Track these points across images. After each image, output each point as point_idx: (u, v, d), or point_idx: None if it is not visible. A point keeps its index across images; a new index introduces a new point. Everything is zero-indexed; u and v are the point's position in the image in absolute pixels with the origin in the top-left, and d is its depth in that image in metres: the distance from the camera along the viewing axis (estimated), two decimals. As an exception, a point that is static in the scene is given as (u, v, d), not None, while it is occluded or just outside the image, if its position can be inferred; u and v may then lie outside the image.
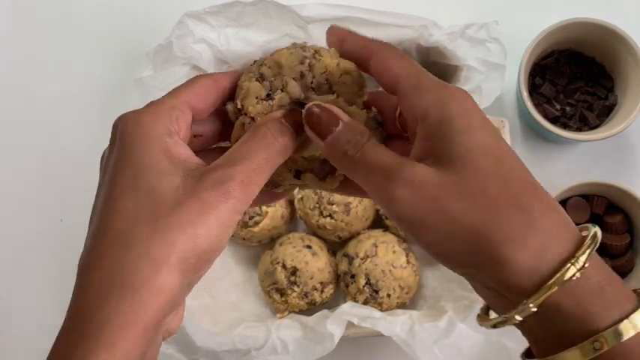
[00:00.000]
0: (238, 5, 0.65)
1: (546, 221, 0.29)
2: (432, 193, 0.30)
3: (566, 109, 0.69)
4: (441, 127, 0.30)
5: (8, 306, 0.72)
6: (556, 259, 0.29)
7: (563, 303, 0.29)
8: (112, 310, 0.28)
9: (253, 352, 0.62)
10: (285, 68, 0.36)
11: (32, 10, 0.77)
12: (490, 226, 0.29)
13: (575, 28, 0.66)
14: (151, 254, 0.29)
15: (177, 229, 0.29)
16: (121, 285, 0.29)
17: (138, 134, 0.32)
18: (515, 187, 0.29)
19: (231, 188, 0.30)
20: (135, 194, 0.30)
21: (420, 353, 0.61)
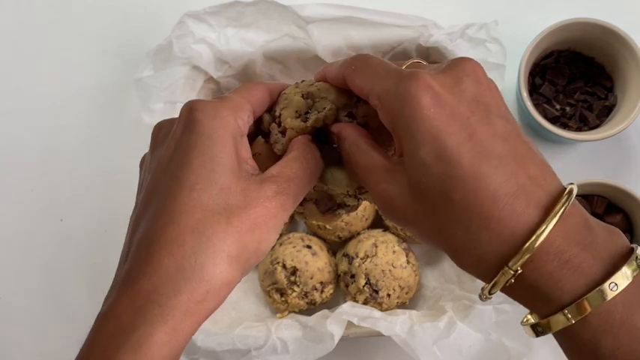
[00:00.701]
0: (238, 5, 0.65)
1: (485, 235, 0.30)
2: (393, 208, 0.33)
3: (566, 109, 0.69)
4: (400, 142, 0.32)
5: (8, 306, 0.72)
6: (493, 267, 0.30)
7: (530, 279, 0.30)
8: (185, 297, 0.29)
9: (253, 352, 0.62)
10: (333, 96, 0.37)
11: (32, 10, 0.77)
12: (439, 242, 0.32)
13: (574, 28, 0.66)
14: (228, 251, 0.31)
15: (249, 231, 0.31)
16: (199, 276, 0.30)
17: (216, 127, 0.33)
18: (456, 203, 0.30)
19: (286, 202, 0.33)
20: (211, 188, 0.31)
21: (419, 353, 0.61)
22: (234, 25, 0.66)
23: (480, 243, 0.30)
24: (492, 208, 0.29)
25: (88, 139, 0.74)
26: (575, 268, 0.29)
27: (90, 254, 0.72)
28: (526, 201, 0.29)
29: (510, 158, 0.30)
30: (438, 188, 0.30)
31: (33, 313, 0.72)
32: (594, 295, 0.28)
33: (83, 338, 0.31)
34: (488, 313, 0.61)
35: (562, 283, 0.29)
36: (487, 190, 0.29)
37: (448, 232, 0.31)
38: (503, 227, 0.29)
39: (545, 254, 0.29)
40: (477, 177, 0.29)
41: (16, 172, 0.74)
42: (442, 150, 0.30)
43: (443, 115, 0.30)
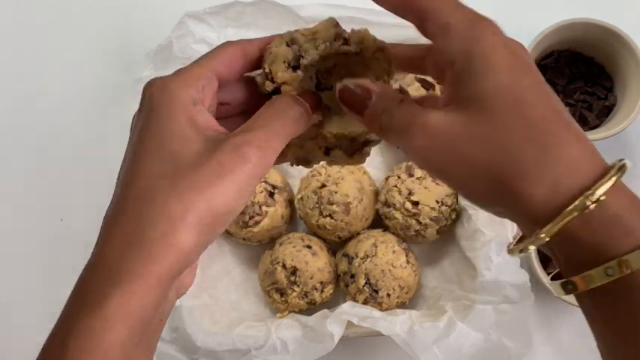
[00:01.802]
0: (238, 5, 0.65)
1: (563, 155, 0.30)
2: (444, 138, 0.31)
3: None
4: (463, 72, 0.31)
5: (8, 306, 0.73)
6: (571, 191, 0.29)
7: (578, 234, 0.29)
8: (131, 260, 0.30)
9: (253, 351, 0.62)
10: (319, 32, 0.36)
11: (32, 10, 0.77)
12: (504, 164, 0.30)
13: (574, 28, 0.66)
14: (169, 212, 0.30)
15: (196, 190, 0.31)
16: (141, 239, 0.30)
17: (164, 101, 0.33)
18: (533, 123, 0.30)
19: (248, 152, 0.32)
20: (159, 156, 0.32)
21: (419, 353, 0.61)
22: (234, 25, 0.66)
23: (558, 163, 0.29)
24: (569, 135, 0.30)
25: (88, 139, 0.74)
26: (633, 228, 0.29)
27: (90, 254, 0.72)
28: (589, 142, 0.31)
29: (570, 115, 0.32)
30: (513, 108, 0.30)
31: (33, 313, 0.72)
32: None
33: None
34: (488, 313, 0.61)
35: (637, 224, 0.29)
36: (562, 121, 0.30)
37: (520, 149, 0.30)
38: (582, 153, 0.30)
39: (620, 190, 0.30)
40: (553, 108, 0.30)
41: (16, 172, 0.74)
42: (520, 79, 0.31)
43: (515, 58, 0.31)
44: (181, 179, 0.31)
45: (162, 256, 0.30)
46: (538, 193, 0.30)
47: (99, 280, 0.30)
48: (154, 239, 0.30)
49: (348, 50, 0.36)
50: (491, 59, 0.31)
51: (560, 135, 0.30)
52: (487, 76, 0.31)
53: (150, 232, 0.30)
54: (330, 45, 0.36)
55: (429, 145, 0.32)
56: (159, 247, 0.30)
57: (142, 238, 0.30)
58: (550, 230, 0.30)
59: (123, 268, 0.30)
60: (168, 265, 0.30)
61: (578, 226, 0.29)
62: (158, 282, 0.30)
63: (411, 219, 0.67)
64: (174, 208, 0.30)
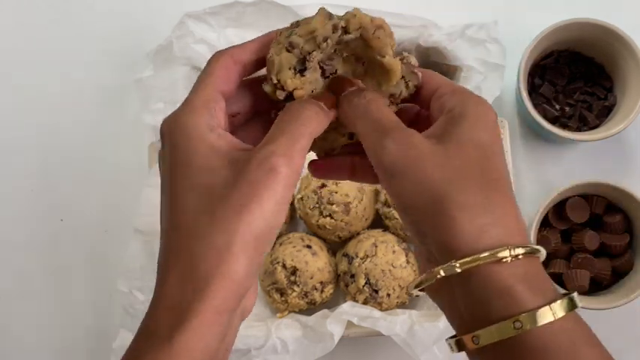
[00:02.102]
0: (238, 5, 0.65)
1: (503, 212, 0.32)
2: (418, 154, 0.33)
3: (566, 110, 0.69)
4: (455, 119, 0.34)
5: (8, 306, 0.72)
6: (497, 240, 0.31)
7: (491, 277, 0.31)
8: (188, 299, 0.30)
9: (253, 351, 0.62)
10: (317, 30, 0.36)
11: (32, 10, 0.77)
12: (453, 192, 0.32)
13: (574, 28, 0.66)
14: (215, 245, 0.31)
15: (233, 216, 0.31)
16: (195, 276, 0.31)
17: (182, 138, 0.34)
18: (488, 179, 0.33)
19: (276, 164, 0.32)
20: (193, 193, 0.32)
21: (419, 353, 0.61)
22: (234, 26, 0.66)
23: (493, 215, 0.32)
24: (512, 203, 0.33)
25: (88, 139, 0.74)
26: (538, 287, 0.32)
27: (90, 254, 0.72)
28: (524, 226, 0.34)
29: None
30: (481, 158, 0.33)
31: (33, 313, 0.72)
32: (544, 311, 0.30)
33: (82, 337, 0.32)
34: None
35: (546, 285, 0.32)
36: (511, 193, 0.34)
37: (471, 189, 0.32)
38: (516, 219, 0.33)
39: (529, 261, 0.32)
40: (508, 180, 0.35)
41: (16, 172, 0.74)
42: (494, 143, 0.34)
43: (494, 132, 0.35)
44: (219, 209, 0.31)
45: (217, 290, 0.30)
46: (466, 230, 0.31)
47: (162, 319, 0.31)
48: (207, 273, 0.30)
49: (349, 39, 0.37)
50: (483, 121, 0.35)
51: (504, 199, 0.33)
52: (475, 128, 0.34)
53: (202, 267, 0.31)
54: (332, 40, 0.36)
55: (398, 150, 0.33)
56: (213, 280, 0.30)
57: (196, 275, 0.31)
58: (466, 263, 0.31)
59: (183, 306, 0.30)
60: (224, 297, 0.31)
61: (492, 270, 0.31)
62: (217, 315, 0.31)
63: (411, 219, 0.67)
64: (219, 240, 0.31)
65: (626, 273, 0.67)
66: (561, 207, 0.67)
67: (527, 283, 0.31)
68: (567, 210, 0.67)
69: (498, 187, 0.33)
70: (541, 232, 0.66)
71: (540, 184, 0.71)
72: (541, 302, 0.31)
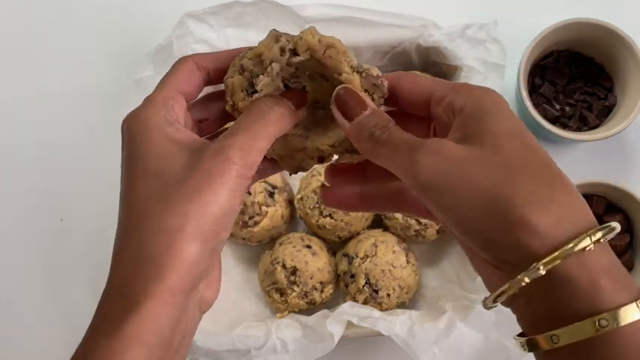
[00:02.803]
0: (238, 5, 0.65)
1: (566, 197, 0.31)
2: (456, 161, 0.31)
3: (566, 109, 0.69)
4: (474, 115, 0.33)
5: (8, 306, 0.72)
6: (573, 229, 0.30)
7: (574, 274, 0.29)
8: (140, 280, 0.31)
9: (253, 351, 0.62)
10: (264, 54, 0.37)
11: (32, 10, 0.77)
12: (511, 191, 0.30)
13: (574, 28, 0.66)
14: (166, 226, 0.31)
15: (187, 200, 0.31)
16: (146, 258, 0.31)
17: (139, 130, 0.34)
18: (539, 166, 0.31)
19: (230, 154, 0.32)
20: (147, 179, 0.33)
21: (419, 353, 0.61)
22: (234, 25, 0.66)
23: (562, 203, 0.30)
24: (572, 186, 0.32)
25: (88, 139, 0.74)
26: (622, 282, 0.30)
27: (90, 254, 0.72)
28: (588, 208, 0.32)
29: None
30: (524, 149, 0.32)
31: (33, 313, 0.72)
32: (630, 308, 0.29)
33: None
34: (488, 313, 0.61)
35: (627, 278, 0.30)
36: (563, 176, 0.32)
37: (529, 183, 0.31)
38: (582, 203, 0.31)
39: (608, 250, 0.30)
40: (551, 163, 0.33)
41: (16, 172, 0.74)
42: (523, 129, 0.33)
43: (515, 116, 0.34)
44: (172, 193, 0.32)
45: (170, 270, 0.31)
46: (542, 222, 0.30)
47: (114, 304, 0.31)
48: (159, 256, 0.31)
49: (299, 61, 0.37)
50: (503, 109, 0.33)
51: (565, 183, 0.32)
52: (500, 118, 0.32)
53: (153, 250, 0.31)
54: (279, 62, 0.37)
55: (435, 163, 0.32)
56: (164, 262, 0.31)
57: (147, 257, 0.31)
58: (550, 262, 0.29)
59: (134, 289, 0.31)
60: (177, 278, 0.31)
61: (575, 265, 0.29)
62: (170, 297, 0.31)
63: (411, 219, 0.67)
64: (171, 222, 0.31)
65: (626, 273, 0.67)
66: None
67: (611, 277, 0.29)
68: (567, 210, 0.67)
69: (554, 173, 0.32)
70: (541, 232, 0.66)
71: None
72: (626, 299, 0.29)
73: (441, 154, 0.32)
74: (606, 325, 0.28)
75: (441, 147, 0.32)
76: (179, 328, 0.32)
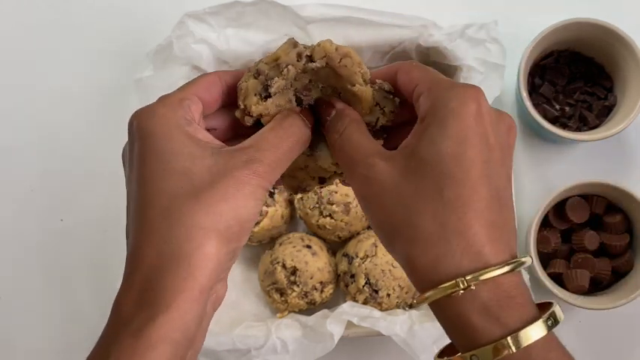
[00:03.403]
0: (238, 5, 0.65)
1: (456, 238, 0.31)
2: (376, 189, 0.33)
3: (566, 109, 0.69)
4: (423, 132, 0.33)
5: (8, 306, 0.73)
6: (451, 272, 0.31)
7: (448, 313, 0.32)
8: (170, 278, 0.31)
9: (253, 351, 0.62)
10: (281, 57, 0.37)
11: (32, 10, 0.77)
12: (406, 227, 0.32)
13: (574, 28, 0.66)
14: (200, 225, 0.31)
15: (222, 201, 0.32)
16: (178, 255, 0.31)
17: (156, 125, 0.34)
18: (446, 200, 0.31)
19: (260, 169, 0.33)
20: (171, 176, 0.33)
21: (419, 353, 0.61)
22: (234, 25, 0.66)
23: (447, 243, 0.31)
24: (474, 221, 0.31)
25: (88, 139, 0.74)
26: (522, 304, 0.31)
27: (90, 254, 0.72)
28: (501, 234, 0.32)
29: (504, 205, 0.33)
30: (437, 179, 0.32)
31: (33, 313, 0.72)
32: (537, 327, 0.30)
33: (83, 337, 0.32)
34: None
35: (510, 312, 0.31)
36: (477, 205, 0.31)
37: (422, 220, 0.32)
38: (476, 242, 0.31)
39: (499, 283, 0.31)
40: (474, 190, 0.31)
41: (16, 172, 0.74)
42: (462, 152, 0.32)
43: (477, 129, 0.32)
44: (203, 193, 0.32)
45: (202, 267, 0.31)
46: (420, 264, 0.32)
47: (138, 302, 0.31)
48: (192, 253, 0.31)
49: (315, 67, 0.37)
50: (448, 127, 0.32)
51: (464, 219, 0.31)
52: (435, 142, 0.32)
53: (186, 247, 0.31)
54: (295, 67, 0.37)
55: (361, 186, 0.35)
56: (197, 259, 0.31)
57: (178, 254, 0.31)
58: (422, 300, 0.32)
59: (163, 285, 0.30)
60: (207, 276, 0.31)
61: (448, 306, 0.31)
62: (200, 294, 0.31)
63: (410, 219, 0.67)
64: (205, 220, 0.31)
65: (626, 273, 0.67)
66: (561, 207, 0.67)
67: (487, 313, 0.31)
68: (567, 210, 0.67)
69: (456, 208, 0.31)
70: (541, 232, 0.66)
71: (540, 184, 0.71)
72: (497, 334, 0.30)
73: (368, 180, 0.34)
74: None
75: (371, 172, 0.34)
76: (202, 326, 0.32)
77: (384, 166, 0.33)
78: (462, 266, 0.31)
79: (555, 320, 0.31)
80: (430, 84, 0.34)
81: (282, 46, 0.37)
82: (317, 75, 0.38)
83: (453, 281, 0.31)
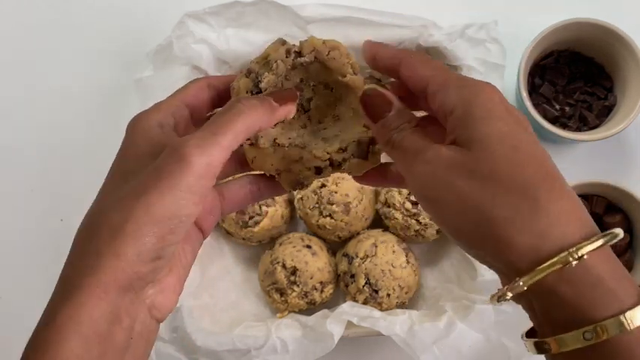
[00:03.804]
0: (238, 5, 0.65)
1: (552, 209, 0.30)
2: (445, 171, 0.32)
3: (566, 109, 0.69)
4: (463, 119, 0.32)
5: (8, 306, 0.72)
6: (555, 245, 0.30)
7: (560, 289, 0.30)
8: (79, 273, 0.31)
9: (253, 351, 0.62)
10: (270, 55, 0.38)
11: (32, 10, 0.77)
12: (493, 206, 0.30)
13: (574, 28, 0.66)
14: (110, 222, 0.31)
15: (133, 198, 0.31)
16: (88, 250, 0.32)
17: (133, 129, 0.35)
18: (527, 173, 0.31)
19: (186, 152, 0.31)
20: (112, 173, 0.34)
21: (419, 353, 0.61)
22: (234, 25, 0.66)
23: (547, 214, 0.30)
24: (562, 190, 0.31)
25: (88, 139, 0.74)
26: (629, 278, 0.30)
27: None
28: (583, 208, 0.31)
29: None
30: (510, 156, 0.31)
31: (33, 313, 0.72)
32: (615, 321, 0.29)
33: None
34: (488, 313, 0.61)
35: (623, 284, 0.30)
36: (557, 176, 0.31)
37: (511, 197, 0.30)
38: (573, 209, 0.30)
39: (604, 254, 0.30)
40: (546, 165, 0.31)
41: (16, 172, 0.74)
42: (517, 131, 0.32)
43: (509, 115, 0.32)
44: (124, 191, 0.32)
45: (106, 265, 0.30)
46: (522, 242, 0.30)
47: (55, 295, 0.32)
48: (99, 249, 0.31)
49: (303, 61, 0.38)
50: (492, 109, 0.32)
51: (552, 191, 0.31)
52: (488, 122, 0.32)
53: (95, 243, 0.31)
54: (284, 62, 0.37)
55: (427, 173, 0.32)
56: (102, 257, 0.31)
57: (88, 250, 0.31)
58: (528, 280, 0.30)
59: (72, 280, 0.31)
60: (112, 273, 0.31)
61: (558, 281, 0.30)
62: (105, 292, 0.31)
63: (411, 219, 0.67)
64: (115, 218, 0.31)
65: (626, 273, 0.67)
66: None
67: (600, 289, 0.29)
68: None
69: (543, 180, 0.31)
70: (541, 232, 0.66)
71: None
72: (616, 309, 0.29)
73: (432, 164, 0.32)
74: (591, 338, 0.29)
75: (434, 157, 0.32)
76: (120, 325, 0.31)
77: (450, 149, 0.32)
78: (567, 236, 0.30)
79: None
80: (445, 82, 0.34)
81: (271, 45, 0.38)
82: (307, 72, 0.38)
83: (565, 252, 0.29)
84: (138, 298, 0.32)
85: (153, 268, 0.32)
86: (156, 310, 0.34)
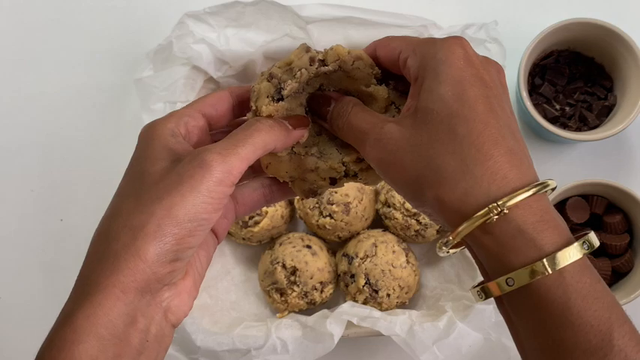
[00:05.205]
0: (238, 5, 0.65)
1: (478, 168, 0.32)
2: (391, 147, 0.34)
3: (566, 109, 0.69)
4: (419, 86, 0.34)
5: (8, 306, 0.72)
6: (479, 203, 0.32)
7: (484, 241, 0.32)
8: (97, 274, 0.31)
9: (253, 351, 0.62)
10: (294, 62, 0.38)
11: (32, 10, 0.77)
12: (428, 172, 0.33)
13: (574, 28, 0.66)
14: (131, 223, 0.32)
15: (155, 200, 0.32)
16: (107, 252, 0.32)
17: (146, 136, 0.36)
18: (459, 136, 0.33)
19: (207, 159, 0.33)
20: (130, 178, 0.34)
21: (419, 353, 0.61)
22: (234, 25, 0.66)
23: (471, 175, 0.32)
24: (493, 150, 0.32)
25: (88, 139, 0.74)
26: (555, 227, 0.32)
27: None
28: (520, 159, 0.33)
29: (516, 134, 0.34)
30: (446, 121, 0.33)
31: (33, 313, 0.72)
32: (573, 249, 0.31)
33: None
34: (488, 313, 0.61)
35: (544, 234, 0.31)
36: (491, 135, 0.32)
37: (442, 160, 0.32)
38: (499, 168, 0.32)
39: (529, 206, 0.32)
40: (485, 122, 0.33)
41: (16, 172, 0.74)
42: (462, 92, 0.33)
43: (469, 70, 0.34)
44: (144, 194, 0.33)
45: (125, 267, 0.31)
46: (450, 201, 0.32)
47: (73, 295, 0.32)
48: (118, 251, 0.31)
49: (327, 70, 0.38)
50: (441, 73, 0.34)
51: (482, 149, 0.32)
52: (433, 90, 0.34)
53: (114, 245, 0.32)
54: (307, 70, 0.38)
55: (377, 152, 0.35)
56: (121, 258, 0.31)
57: (107, 251, 0.32)
58: (457, 235, 0.32)
59: (91, 281, 0.31)
60: (131, 275, 0.31)
61: (483, 235, 0.32)
62: (123, 293, 0.31)
63: (411, 219, 0.67)
64: (135, 220, 0.32)
65: (626, 273, 0.67)
66: (561, 207, 0.67)
67: (520, 237, 0.31)
68: (567, 210, 0.67)
69: (472, 141, 0.32)
70: (541, 232, 0.66)
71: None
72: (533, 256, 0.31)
73: (380, 142, 0.35)
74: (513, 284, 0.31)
75: (381, 134, 0.35)
76: (136, 327, 0.32)
77: (394, 127, 0.34)
78: (490, 193, 0.32)
79: (591, 245, 0.32)
80: (413, 46, 0.35)
81: (295, 51, 0.38)
82: (328, 79, 0.39)
83: (485, 209, 0.31)
84: (154, 300, 0.33)
85: (171, 269, 0.33)
86: (171, 313, 0.34)
